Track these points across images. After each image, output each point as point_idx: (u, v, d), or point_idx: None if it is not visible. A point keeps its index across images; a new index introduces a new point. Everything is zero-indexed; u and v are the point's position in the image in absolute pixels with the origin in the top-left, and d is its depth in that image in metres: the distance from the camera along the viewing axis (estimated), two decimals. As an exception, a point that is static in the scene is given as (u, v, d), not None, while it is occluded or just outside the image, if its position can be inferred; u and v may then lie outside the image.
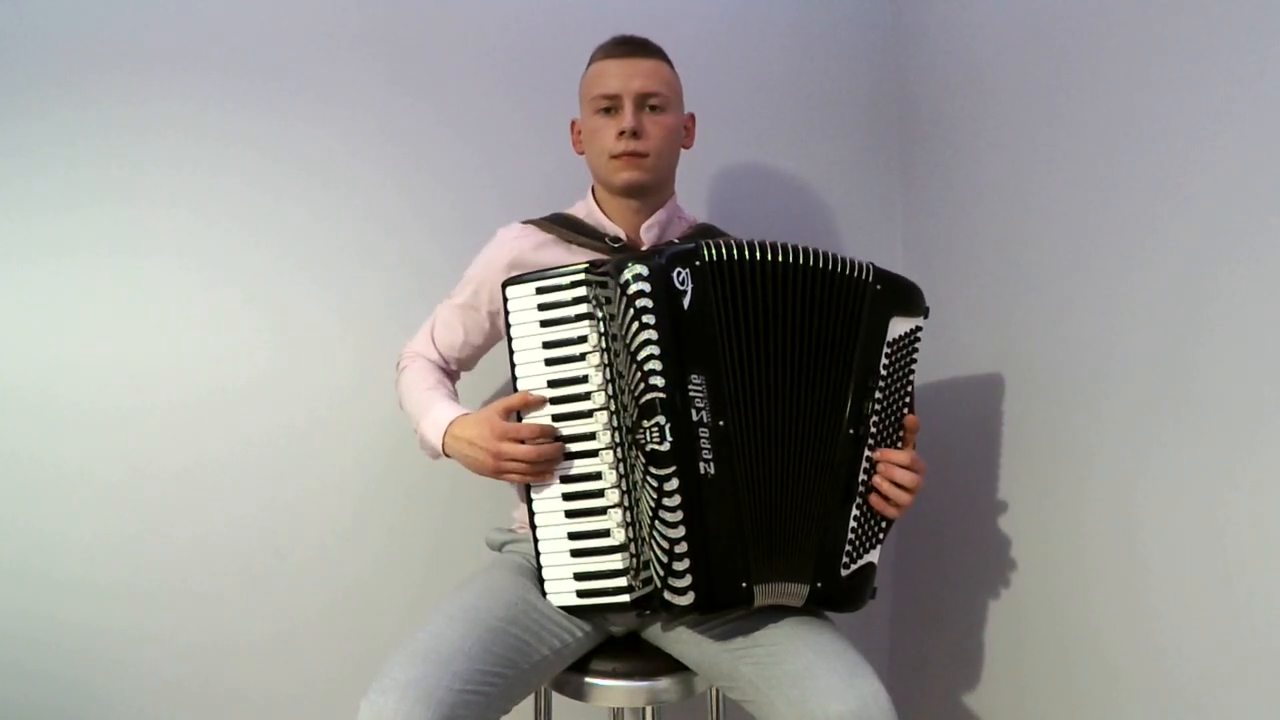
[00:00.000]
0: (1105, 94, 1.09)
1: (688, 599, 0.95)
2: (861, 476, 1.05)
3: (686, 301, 0.97)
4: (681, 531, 0.95)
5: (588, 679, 1.12)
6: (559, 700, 1.25)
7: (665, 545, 0.96)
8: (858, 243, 1.65)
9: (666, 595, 0.96)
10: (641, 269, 0.97)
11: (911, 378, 1.09)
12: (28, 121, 1.43)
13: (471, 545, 1.50)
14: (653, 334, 0.96)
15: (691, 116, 1.30)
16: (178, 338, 1.47)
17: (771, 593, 1.02)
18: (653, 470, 0.96)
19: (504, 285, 1.07)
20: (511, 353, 1.07)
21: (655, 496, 0.96)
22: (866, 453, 1.05)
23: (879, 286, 1.06)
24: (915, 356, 1.09)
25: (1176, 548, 0.98)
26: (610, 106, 1.20)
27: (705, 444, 0.96)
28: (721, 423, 0.97)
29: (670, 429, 0.95)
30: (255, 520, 1.49)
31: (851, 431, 1.04)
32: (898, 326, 1.07)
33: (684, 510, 0.95)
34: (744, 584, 0.97)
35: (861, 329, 1.04)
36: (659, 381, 0.95)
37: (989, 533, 1.35)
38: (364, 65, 1.52)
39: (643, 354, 0.96)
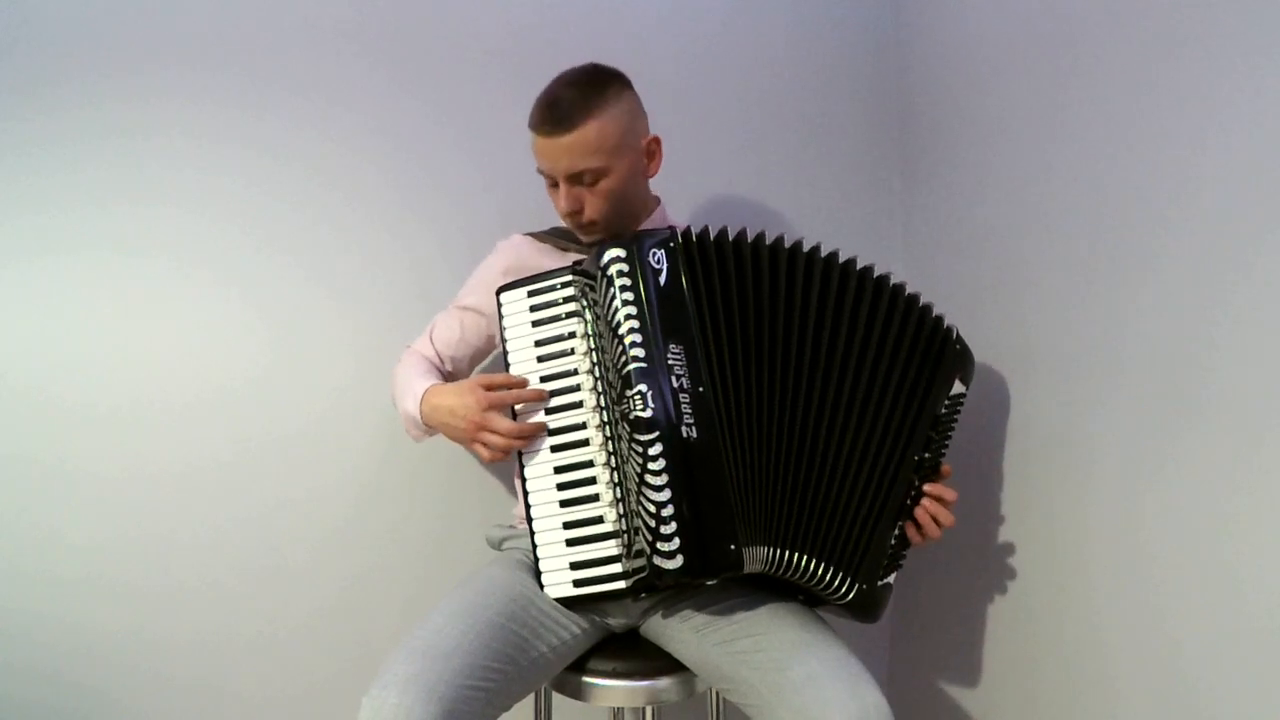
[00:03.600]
0: (1108, 91, 1.09)
1: (676, 562, 0.97)
2: (907, 501, 1.11)
3: (663, 279, 1.02)
4: (667, 495, 0.97)
5: (587, 679, 1.12)
6: (559, 700, 1.25)
7: (652, 510, 0.98)
8: (858, 243, 1.65)
9: (656, 560, 0.98)
10: (619, 251, 1.03)
11: (952, 434, 1.17)
12: (27, 122, 1.43)
13: (471, 543, 1.51)
14: (632, 309, 1.01)
15: (656, 140, 1.22)
16: (177, 338, 1.47)
17: (775, 563, 1.03)
18: (637, 438, 0.99)
19: (498, 292, 1.13)
20: (506, 354, 1.12)
21: (641, 463, 0.99)
22: (915, 480, 1.12)
23: (959, 346, 1.15)
24: (958, 417, 1.17)
25: (1182, 548, 0.98)
26: (551, 180, 1.17)
27: (686, 409, 0.99)
28: (701, 389, 1.00)
29: (651, 396, 0.99)
30: (255, 520, 1.49)
31: (917, 458, 1.11)
32: (957, 386, 1.15)
33: (668, 474, 0.98)
34: (732, 546, 0.98)
35: (940, 372, 1.13)
36: (639, 352, 1.00)
37: (991, 535, 1.34)
38: (365, 67, 1.52)
39: (623, 328, 1.01)
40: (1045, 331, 1.22)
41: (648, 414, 0.98)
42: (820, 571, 1.05)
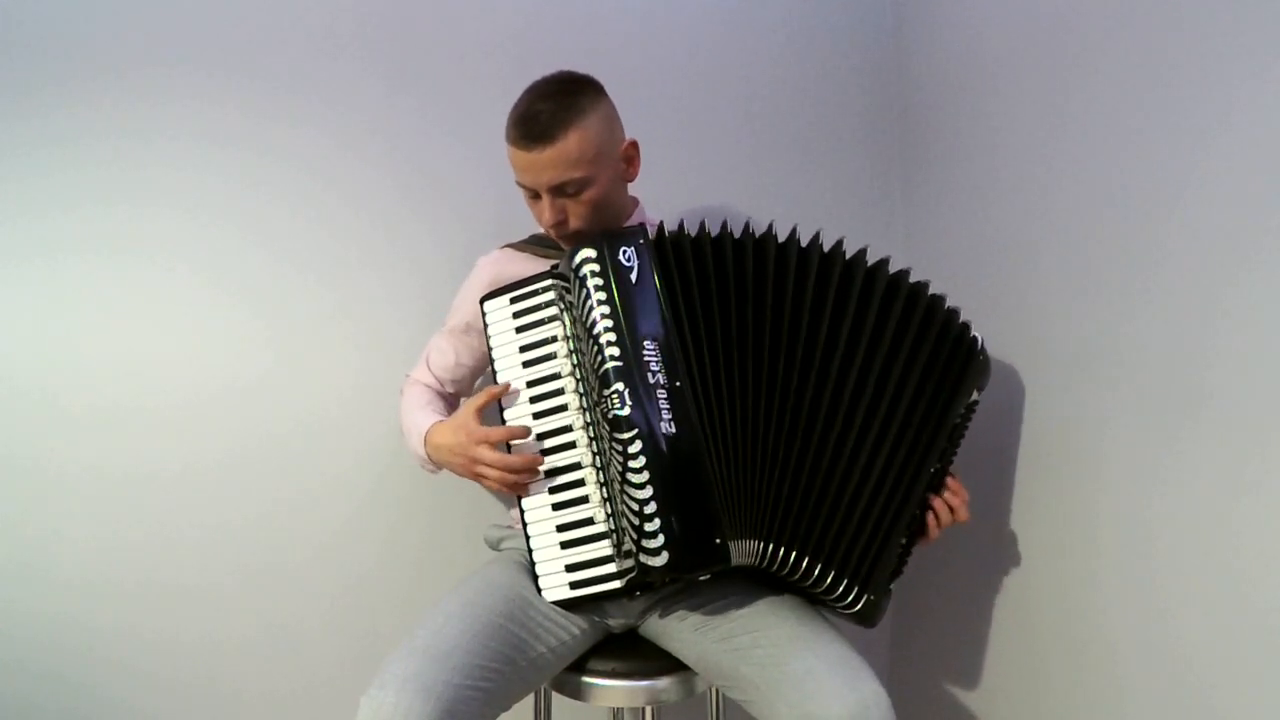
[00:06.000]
0: (1110, 89, 1.09)
1: (661, 559, 0.97)
2: (917, 512, 1.11)
3: (634, 276, 1.02)
4: (648, 492, 0.97)
5: (587, 679, 1.12)
6: (559, 700, 1.25)
7: (635, 507, 0.98)
8: (859, 244, 1.65)
9: (642, 558, 0.98)
10: (590, 251, 1.03)
11: (961, 442, 1.16)
12: (27, 122, 1.44)
13: (470, 543, 1.51)
14: (605, 308, 1.01)
15: (633, 145, 1.22)
16: (178, 338, 1.47)
17: (766, 558, 1.03)
18: (617, 436, 0.99)
19: (482, 301, 1.15)
20: (492, 362, 1.13)
21: (622, 462, 0.99)
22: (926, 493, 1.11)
23: (982, 357, 1.14)
24: (968, 426, 1.17)
25: (1190, 546, 0.97)
26: (533, 192, 1.16)
27: (664, 405, 0.99)
28: (678, 384, 1.00)
29: (628, 393, 0.99)
30: (255, 520, 1.49)
31: (933, 470, 1.10)
32: (974, 394, 1.15)
33: (648, 471, 0.98)
34: (717, 540, 0.98)
35: (964, 383, 1.12)
36: (614, 351, 1.00)
37: (993, 532, 1.34)
38: (363, 67, 1.52)
39: (597, 328, 1.01)
40: (1049, 331, 1.21)
41: (625, 412, 0.99)
42: (822, 573, 1.04)
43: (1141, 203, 1.03)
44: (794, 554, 1.04)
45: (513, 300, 1.12)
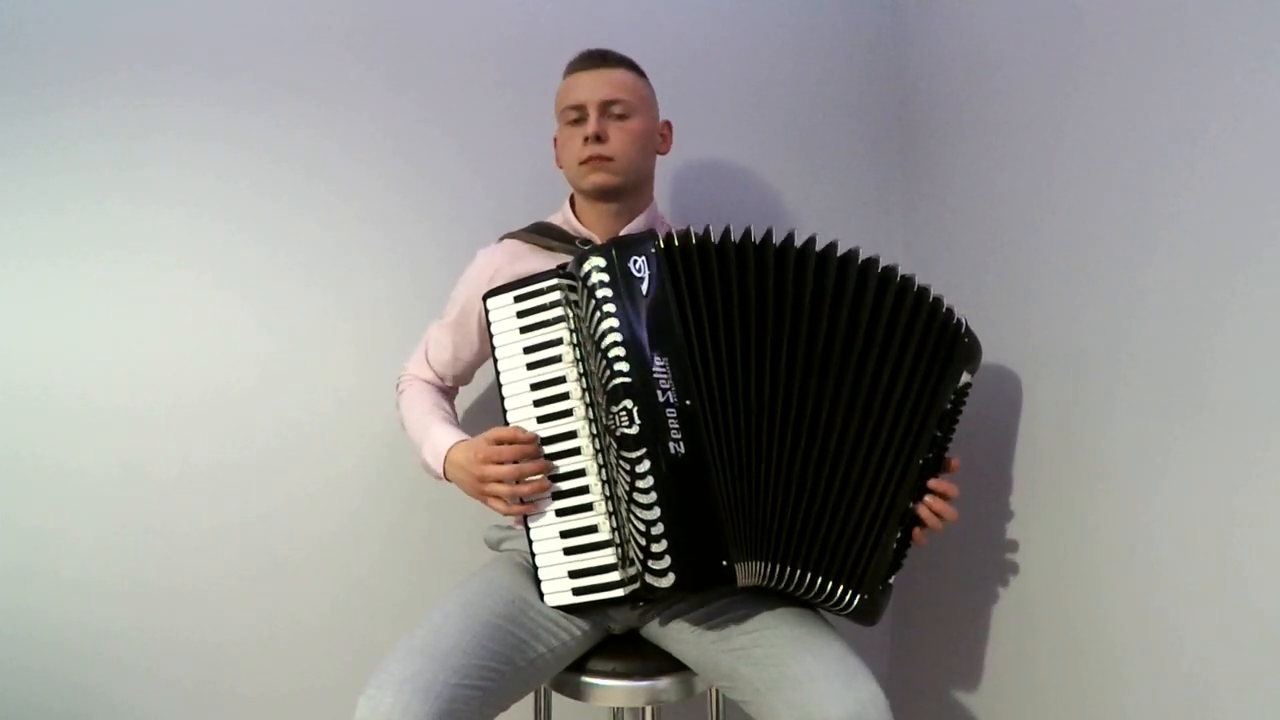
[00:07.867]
0: (1110, 89, 1.09)
1: (668, 580, 0.96)
2: (910, 504, 1.09)
3: (645, 287, 1.00)
4: (656, 513, 0.96)
5: (587, 679, 1.12)
6: (559, 700, 1.25)
7: (642, 528, 0.97)
8: (859, 245, 1.65)
9: (648, 578, 0.97)
10: (599, 260, 1.01)
11: (957, 424, 1.13)
12: (28, 122, 1.44)
13: (470, 544, 1.51)
14: (614, 321, 0.99)
15: (667, 124, 1.31)
16: (177, 338, 1.47)
17: (771, 577, 1.02)
18: (624, 454, 0.97)
19: (484, 297, 1.11)
20: (495, 361, 1.10)
21: (629, 480, 0.97)
22: (919, 482, 1.09)
23: (967, 340, 1.11)
24: (964, 407, 1.14)
25: (1189, 546, 0.97)
26: (578, 117, 1.22)
27: (674, 424, 0.98)
28: (688, 403, 0.98)
29: (638, 412, 0.97)
30: (255, 520, 1.49)
31: (922, 460, 1.08)
32: (964, 377, 1.12)
33: (656, 491, 0.96)
34: (724, 562, 0.97)
35: (950, 369, 1.09)
36: (623, 367, 0.98)
37: (995, 533, 1.34)
38: (363, 67, 1.53)
39: (606, 341, 0.99)
40: (1049, 331, 1.21)
41: (634, 430, 0.97)
42: (820, 584, 1.04)
43: (1141, 202, 1.03)
44: (797, 571, 1.03)
45: (517, 299, 1.09)
